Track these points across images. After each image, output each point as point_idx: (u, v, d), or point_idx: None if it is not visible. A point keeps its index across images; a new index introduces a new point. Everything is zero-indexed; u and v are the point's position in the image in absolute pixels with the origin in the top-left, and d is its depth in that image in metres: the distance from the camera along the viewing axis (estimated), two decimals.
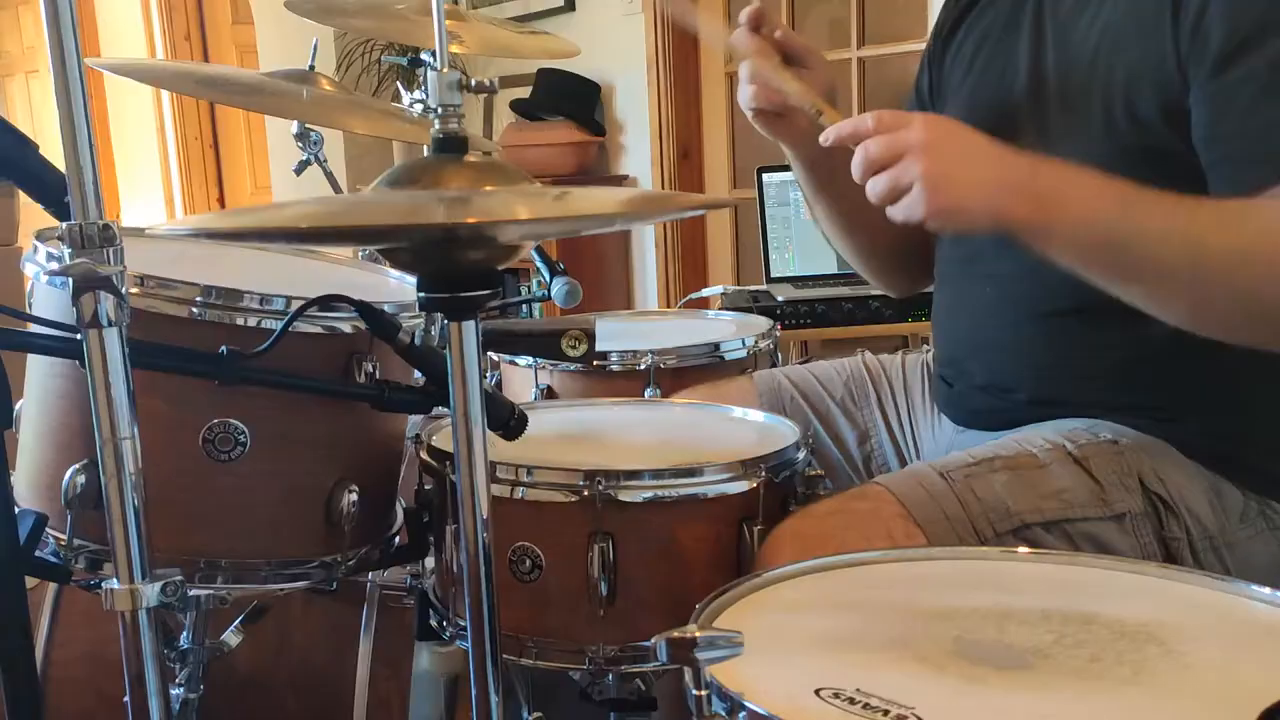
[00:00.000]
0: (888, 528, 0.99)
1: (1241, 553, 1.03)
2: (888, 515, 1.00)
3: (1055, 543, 1.00)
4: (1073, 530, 1.01)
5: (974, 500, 1.01)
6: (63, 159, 0.77)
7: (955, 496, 1.01)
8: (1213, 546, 1.02)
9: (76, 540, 1.00)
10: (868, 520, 1.00)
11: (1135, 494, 1.03)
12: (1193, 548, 1.02)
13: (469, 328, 0.77)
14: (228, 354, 0.96)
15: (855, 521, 1.01)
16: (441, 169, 0.76)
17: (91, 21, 6.22)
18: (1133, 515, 1.02)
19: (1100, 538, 1.01)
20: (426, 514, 1.15)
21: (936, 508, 1.00)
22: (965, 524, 1.00)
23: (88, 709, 1.41)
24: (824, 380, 1.40)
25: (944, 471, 1.04)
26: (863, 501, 1.04)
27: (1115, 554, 0.99)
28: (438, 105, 0.77)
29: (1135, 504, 1.02)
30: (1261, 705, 0.59)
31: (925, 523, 0.99)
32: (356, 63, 4.04)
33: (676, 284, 3.69)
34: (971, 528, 1.00)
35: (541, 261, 1.73)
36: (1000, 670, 0.70)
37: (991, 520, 1.00)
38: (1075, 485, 1.03)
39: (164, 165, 6.18)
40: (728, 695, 0.65)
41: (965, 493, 1.01)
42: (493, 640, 0.80)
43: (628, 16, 3.63)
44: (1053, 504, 1.01)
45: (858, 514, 1.02)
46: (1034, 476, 1.03)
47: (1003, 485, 1.02)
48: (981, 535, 0.99)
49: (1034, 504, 1.01)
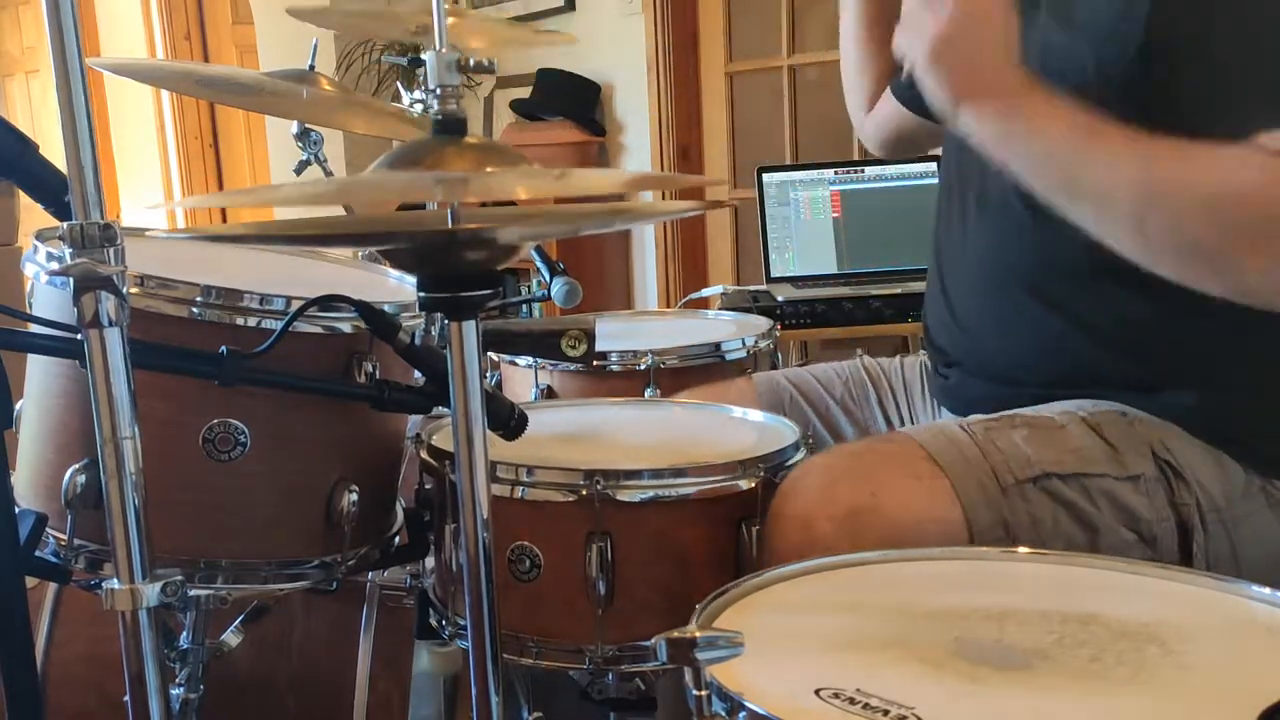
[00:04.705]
0: (913, 468, 1.01)
1: (1245, 528, 1.04)
2: (913, 456, 1.03)
3: (1074, 495, 1.01)
4: (1090, 485, 1.02)
5: (995, 450, 1.03)
6: (63, 159, 0.77)
7: (977, 445, 1.04)
8: (1220, 519, 1.03)
9: (76, 540, 1.00)
10: (894, 459, 1.03)
11: (1147, 459, 1.04)
12: (1202, 517, 1.03)
13: (469, 328, 0.77)
14: (228, 354, 0.96)
15: (882, 459, 1.04)
16: (442, 150, 0.75)
17: (91, 21, 6.22)
18: (1146, 478, 1.03)
19: (1117, 495, 1.02)
20: (426, 514, 1.15)
21: (958, 453, 1.03)
22: (986, 470, 1.01)
23: (88, 709, 1.41)
24: (823, 381, 1.41)
25: (964, 425, 1.07)
26: (889, 444, 1.07)
27: (1132, 512, 1.01)
28: (436, 86, 0.76)
29: (1149, 469, 1.03)
30: (1261, 705, 0.60)
31: (948, 465, 1.01)
32: (357, 63, 4.05)
33: (676, 284, 3.69)
34: (992, 473, 1.01)
35: (541, 261, 1.73)
36: (1000, 670, 0.70)
37: (1012, 468, 1.02)
38: (1091, 445, 1.04)
39: (164, 165, 6.18)
40: (728, 695, 0.65)
41: (986, 443, 1.04)
42: (493, 640, 0.80)
43: (627, 17, 3.63)
44: (1071, 459, 1.03)
45: (885, 453, 1.06)
46: (1053, 434, 1.05)
47: (1023, 439, 1.04)
48: (1002, 481, 1.01)
49: (1054, 456, 1.03)
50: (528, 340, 1.20)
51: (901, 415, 1.38)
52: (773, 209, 2.66)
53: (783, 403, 1.38)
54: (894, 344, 2.71)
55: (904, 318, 2.45)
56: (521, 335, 1.21)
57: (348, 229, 0.90)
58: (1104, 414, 1.08)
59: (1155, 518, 1.02)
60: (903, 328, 2.50)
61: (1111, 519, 1.01)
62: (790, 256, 2.65)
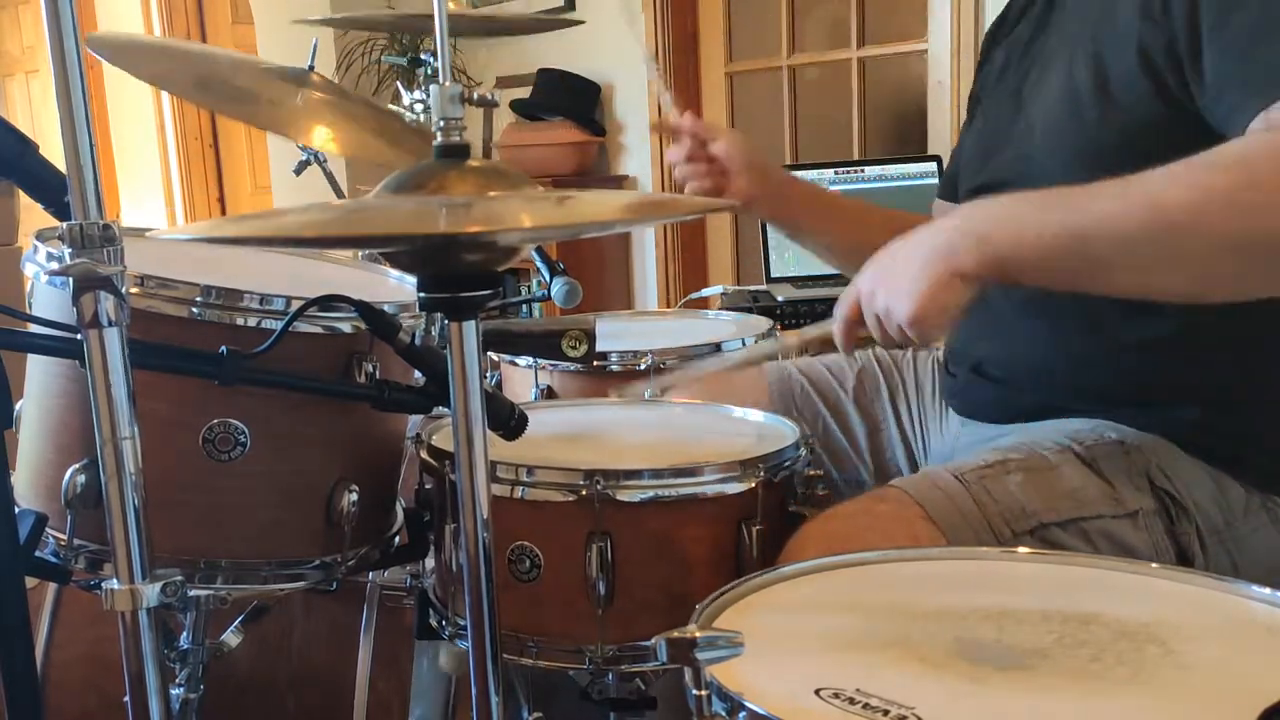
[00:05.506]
0: (911, 529, 1.00)
1: (1248, 547, 1.04)
2: (909, 516, 1.01)
3: (1073, 542, 1.00)
4: (1089, 528, 1.01)
5: (990, 501, 1.02)
6: (63, 159, 0.77)
7: (971, 497, 1.02)
8: (1220, 541, 1.03)
9: (76, 540, 1.00)
10: (891, 521, 1.01)
11: (1145, 493, 1.03)
12: (1202, 543, 1.02)
13: (469, 328, 0.77)
14: (228, 354, 0.96)
15: (879, 522, 1.02)
16: (445, 174, 0.75)
17: (91, 21, 6.22)
18: (1144, 513, 1.02)
19: (1116, 535, 1.01)
20: (426, 514, 1.15)
21: (954, 508, 1.01)
22: (982, 523, 1.00)
23: (88, 709, 1.41)
24: (835, 371, 1.40)
25: (958, 474, 1.05)
26: (884, 504, 1.04)
27: (1131, 551, 1.00)
28: (440, 118, 0.77)
29: (1146, 502, 1.03)
30: (1261, 705, 0.60)
31: (946, 524, 1.00)
32: (357, 63, 4.04)
33: (676, 284, 3.69)
34: (989, 527, 1.00)
35: (541, 262, 1.73)
36: (1000, 670, 0.70)
37: (1008, 520, 1.01)
38: (1087, 485, 1.03)
39: (164, 165, 6.18)
40: (728, 695, 0.65)
41: (981, 494, 1.02)
42: (493, 640, 0.80)
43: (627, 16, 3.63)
44: (1067, 503, 1.02)
45: (881, 515, 1.03)
46: (1047, 477, 1.04)
47: (1017, 486, 1.03)
48: (999, 535, 1.00)
49: (1049, 503, 1.02)
50: (528, 340, 1.20)
51: (911, 413, 1.37)
52: None
53: (793, 393, 1.37)
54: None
55: None
56: (521, 335, 1.21)
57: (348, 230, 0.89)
58: (1099, 446, 1.07)
59: (1154, 551, 1.01)
60: None
61: None
62: (790, 256, 2.65)
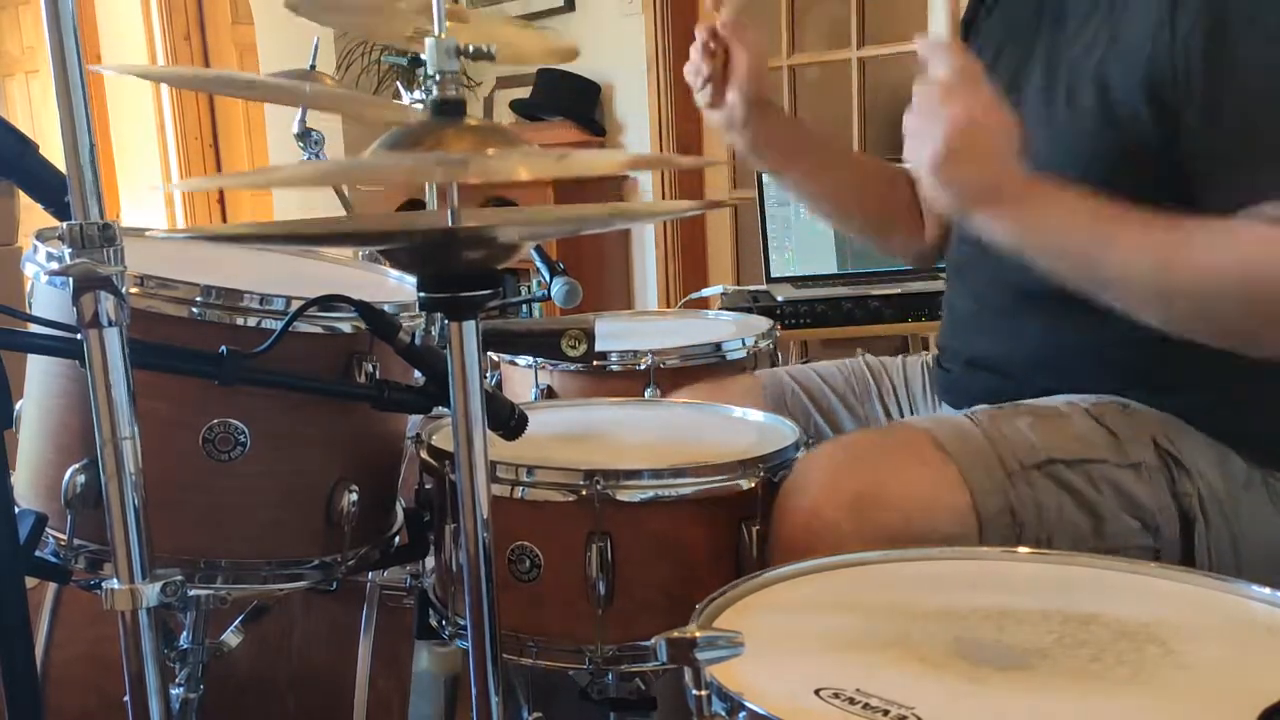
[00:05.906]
0: (920, 454, 1.02)
1: (1246, 519, 1.04)
2: (919, 443, 1.03)
3: (1078, 482, 1.02)
4: (1093, 471, 1.03)
5: (1000, 437, 1.04)
6: (63, 159, 0.77)
7: (983, 432, 1.05)
8: (1221, 510, 1.04)
9: (76, 540, 1.00)
10: (900, 446, 1.04)
11: (1148, 448, 1.05)
12: (1203, 507, 1.03)
13: (469, 328, 0.77)
14: (228, 354, 0.96)
15: (887, 447, 1.05)
16: (442, 132, 0.74)
17: (91, 21, 6.21)
18: (1147, 466, 1.04)
19: (1120, 483, 1.02)
20: (426, 514, 1.15)
21: (964, 439, 1.04)
22: (992, 455, 1.02)
23: (88, 709, 1.41)
24: (825, 376, 1.42)
25: (969, 414, 1.09)
26: (892, 434, 1.09)
27: (1136, 501, 1.02)
28: (436, 71, 0.75)
29: (1149, 456, 1.04)
30: (1261, 705, 0.60)
31: (955, 451, 1.02)
32: (356, 63, 4.04)
33: (676, 284, 3.69)
34: (999, 459, 1.02)
35: (541, 261, 1.73)
36: (1000, 670, 0.70)
37: (1018, 454, 1.02)
38: (1093, 432, 1.05)
39: (164, 165, 6.18)
40: (728, 695, 0.66)
41: (992, 430, 1.05)
42: (493, 640, 0.80)
43: (627, 17, 3.63)
44: (1075, 445, 1.04)
45: (889, 441, 1.07)
46: (1056, 423, 1.06)
47: (1027, 425, 1.05)
48: (1008, 467, 1.02)
49: (1058, 442, 1.04)
50: (528, 340, 1.20)
51: (902, 410, 1.39)
52: (773, 209, 2.66)
53: (784, 397, 1.38)
54: (894, 344, 2.71)
55: (903, 317, 2.45)
56: (521, 335, 1.21)
57: (348, 229, 0.90)
58: (1105, 405, 1.09)
59: (1157, 507, 1.02)
60: (902, 327, 2.50)
61: (1115, 506, 1.01)
62: (790, 256, 2.65)
